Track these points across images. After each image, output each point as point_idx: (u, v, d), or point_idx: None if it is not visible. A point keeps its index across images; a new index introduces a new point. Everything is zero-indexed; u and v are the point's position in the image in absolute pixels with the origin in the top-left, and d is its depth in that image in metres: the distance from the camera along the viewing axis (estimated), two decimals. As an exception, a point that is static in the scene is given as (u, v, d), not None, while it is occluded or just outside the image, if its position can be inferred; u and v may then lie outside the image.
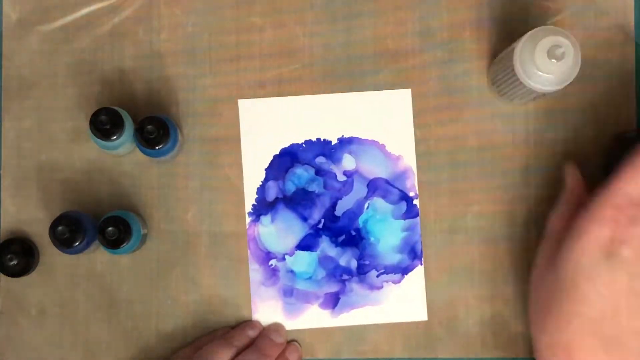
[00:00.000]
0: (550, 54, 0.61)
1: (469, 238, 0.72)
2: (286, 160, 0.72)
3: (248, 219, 0.72)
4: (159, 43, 0.73)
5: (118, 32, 0.73)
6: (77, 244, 0.66)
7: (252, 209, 0.72)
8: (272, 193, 0.72)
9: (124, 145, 0.68)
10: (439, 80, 0.72)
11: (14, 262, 0.68)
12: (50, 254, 0.71)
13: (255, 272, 0.72)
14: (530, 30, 0.62)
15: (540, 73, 0.62)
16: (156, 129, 0.66)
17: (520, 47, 0.62)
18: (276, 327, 0.71)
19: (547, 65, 0.61)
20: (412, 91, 0.72)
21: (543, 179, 0.72)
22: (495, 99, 0.72)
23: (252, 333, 0.70)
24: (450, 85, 0.72)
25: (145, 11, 0.73)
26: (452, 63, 0.72)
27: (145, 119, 0.66)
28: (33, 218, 0.72)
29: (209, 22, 0.73)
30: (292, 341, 0.72)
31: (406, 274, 0.72)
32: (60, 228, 0.65)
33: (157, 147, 0.67)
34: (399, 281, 0.72)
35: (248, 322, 0.71)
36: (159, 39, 0.73)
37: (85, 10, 0.73)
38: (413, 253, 0.72)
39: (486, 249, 0.71)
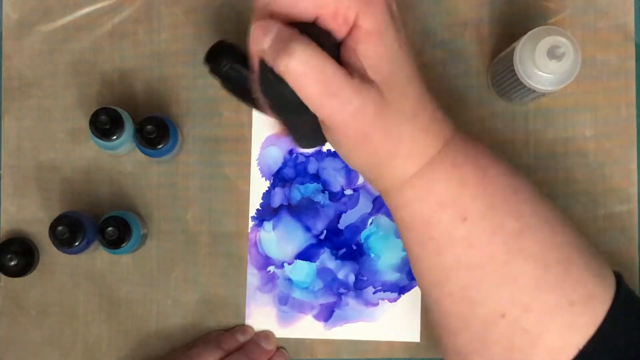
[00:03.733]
0: (550, 54, 0.61)
1: (469, 238, 0.71)
2: (294, 168, 0.72)
3: (251, 223, 0.72)
4: (159, 43, 0.73)
5: (118, 32, 0.73)
6: (77, 244, 0.66)
7: (255, 214, 0.72)
8: (277, 200, 0.72)
9: (124, 145, 0.68)
10: (439, 80, 0.72)
11: (14, 262, 0.68)
12: (50, 254, 0.71)
13: (253, 276, 0.71)
14: (530, 30, 0.62)
15: (540, 73, 0.62)
16: (156, 129, 0.66)
17: (520, 47, 0.62)
18: (266, 334, 0.71)
19: (547, 65, 0.61)
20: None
21: (543, 179, 0.72)
22: (495, 98, 0.72)
23: (242, 338, 0.70)
24: (450, 85, 0.72)
25: (145, 11, 0.73)
26: (452, 63, 0.72)
27: (145, 119, 0.66)
28: (33, 218, 0.72)
29: (209, 22, 0.73)
30: (280, 348, 0.72)
31: (403, 293, 0.71)
32: (60, 228, 0.65)
33: (157, 147, 0.67)
34: (395, 300, 0.71)
35: (239, 327, 0.71)
36: (159, 39, 0.73)
37: (85, 10, 0.73)
38: (412, 273, 0.71)
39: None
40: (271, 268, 0.72)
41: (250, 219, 0.72)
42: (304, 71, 0.46)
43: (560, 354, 0.51)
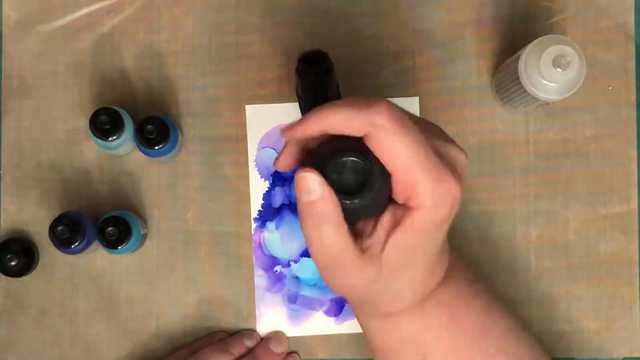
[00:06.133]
0: (555, 63, 0.61)
1: (468, 238, 0.71)
2: (293, 166, 0.72)
3: (254, 225, 0.72)
4: (159, 43, 0.73)
5: (118, 32, 0.73)
6: (77, 244, 0.66)
7: (257, 215, 0.72)
8: (278, 199, 0.72)
9: (124, 145, 0.68)
10: (439, 80, 0.72)
11: (14, 262, 0.68)
12: (50, 254, 0.71)
13: (260, 278, 0.71)
14: (530, 31, 0.62)
15: (545, 82, 0.62)
16: (156, 129, 0.66)
17: (525, 56, 0.62)
18: (277, 336, 0.71)
19: (552, 74, 0.61)
20: (411, 91, 0.72)
21: (543, 179, 0.72)
22: (495, 99, 0.72)
23: (249, 343, 0.70)
24: (450, 85, 0.72)
25: (146, 11, 0.73)
26: (452, 63, 0.72)
27: (145, 119, 0.66)
28: (33, 218, 0.72)
29: (209, 22, 0.73)
30: (292, 352, 0.71)
31: None
32: (60, 228, 0.65)
33: (157, 147, 0.67)
34: None
35: (246, 332, 0.71)
36: (159, 39, 0.73)
37: (85, 10, 0.73)
38: None
39: (485, 248, 0.71)
40: (278, 268, 0.72)
41: (252, 221, 0.72)
42: (322, 248, 0.47)
43: None
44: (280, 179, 0.72)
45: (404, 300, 0.52)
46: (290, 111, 0.72)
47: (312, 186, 0.46)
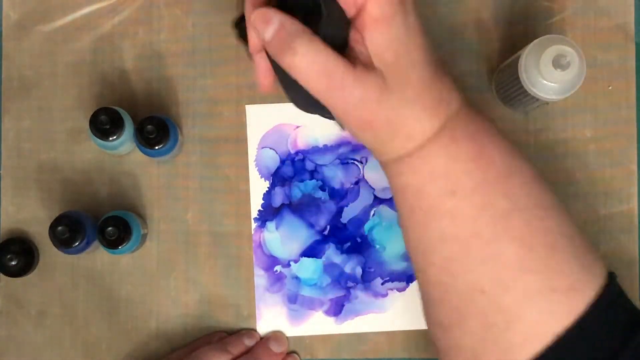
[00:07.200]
0: (555, 63, 0.61)
1: (469, 238, 0.71)
2: (293, 166, 0.72)
3: (254, 225, 0.72)
4: (159, 43, 0.73)
5: (118, 32, 0.73)
6: (77, 244, 0.66)
7: (257, 215, 0.72)
8: (278, 199, 0.72)
9: (124, 145, 0.68)
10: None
11: (14, 262, 0.68)
12: (50, 254, 0.71)
13: (260, 277, 0.71)
14: (530, 31, 0.62)
15: (544, 82, 0.62)
16: (156, 129, 0.66)
17: (525, 56, 0.62)
18: (276, 336, 0.71)
19: (552, 74, 0.61)
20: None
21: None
22: (495, 100, 0.72)
23: (248, 342, 0.70)
24: (450, 86, 0.72)
25: (146, 11, 0.73)
26: (453, 64, 0.72)
27: (145, 119, 0.66)
28: (33, 218, 0.72)
29: (209, 23, 0.73)
30: (292, 352, 0.71)
31: (411, 282, 0.71)
32: (60, 228, 0.65)
33: (157, 147, 0.67)
34: (404, 289, 0.71)
35: (246, 331, 0.71)
36: (159, 39, 0.73)
37: (85, 10, 0.73)
38: None
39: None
40: (278, 268, 0.72)
41: (252, 221, 0.72)
42: (308, 67, 0.47)
43: (535, 337, 0.51)
44: (280, 179, 0.72)
45: (426, 111, 0.51)
46: (290, 111, 0.72)
47: (270, 17, 0.47)
